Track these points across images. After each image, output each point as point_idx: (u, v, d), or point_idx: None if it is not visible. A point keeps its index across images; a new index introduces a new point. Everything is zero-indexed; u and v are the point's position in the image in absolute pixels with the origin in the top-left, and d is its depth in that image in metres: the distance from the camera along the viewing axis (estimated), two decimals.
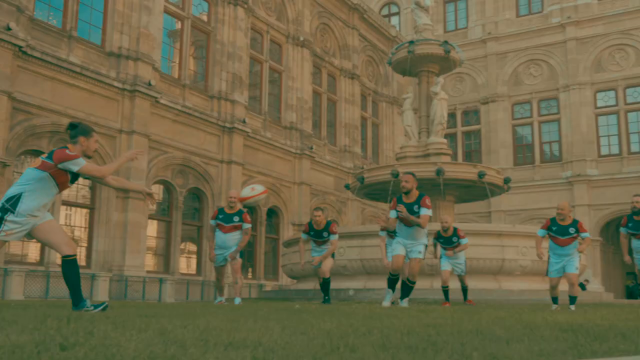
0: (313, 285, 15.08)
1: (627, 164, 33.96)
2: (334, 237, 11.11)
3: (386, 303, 9.05)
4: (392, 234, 11.32)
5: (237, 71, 25.37)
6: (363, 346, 2.74)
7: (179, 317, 5.50)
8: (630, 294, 35.18)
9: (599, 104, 35.66)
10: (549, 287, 9.88)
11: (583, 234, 9.42)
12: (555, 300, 9.77)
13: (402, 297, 9.11)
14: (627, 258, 10.88)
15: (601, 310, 8.61)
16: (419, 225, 8.51)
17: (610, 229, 35.02)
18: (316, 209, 11.36)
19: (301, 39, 29.68)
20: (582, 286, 10.42)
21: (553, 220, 9.60)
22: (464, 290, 11.89)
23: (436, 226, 11.76)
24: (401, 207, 8.47)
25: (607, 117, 35.38)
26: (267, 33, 28.45)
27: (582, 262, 12.66)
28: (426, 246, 9.04)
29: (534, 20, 38.01)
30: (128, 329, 3.59)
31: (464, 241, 11.23)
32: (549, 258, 9.72)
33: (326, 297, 11.09)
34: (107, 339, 2.95)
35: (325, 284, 11.16)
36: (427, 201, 8.53)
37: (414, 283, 9.02)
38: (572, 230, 9.40)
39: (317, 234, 11.12)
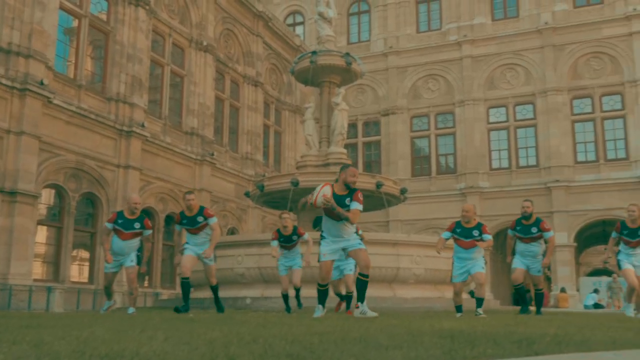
0: (209, 294, 14.86)
1: (516, 177, 35.87)
2: (213, 221, 9.81)
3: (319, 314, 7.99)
4: (283, 244, 11.17)
5: (137, 73, 24.71)
6: (243, 355, 2.73)
7: (62, 327, 5.29)
8: (517, 301, 36.96)
9: (491, 119, 37.45)
10: (453, 293, 9.88)
11: (485, 236, 9.74)
12: (459, 308, 9.65)
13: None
14: (510, 259, 11.41)
15: (486, 316, 9.02)
16: (347, 219, 7.60)
17: (499, 239, 36.73)
18: (188, 192, 10.10)
19: (204, 43, 29.33)
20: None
21: (458, 223, 9.80)
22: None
23: None
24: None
25: (499, 132, 37.21)
26: (169, 36, 27.91)
27: None
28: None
29: (433, 37, 39.45)
30: (0, 341, 3.41)
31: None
32: (453, 263, 9.96)
33: (219, 305, 10.59)
34: None
35: (214, 291, 10.59)
36: (360, 196, 7.68)
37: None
38: (475, 232, 9.68)
39: (191, 221, 9.81)
